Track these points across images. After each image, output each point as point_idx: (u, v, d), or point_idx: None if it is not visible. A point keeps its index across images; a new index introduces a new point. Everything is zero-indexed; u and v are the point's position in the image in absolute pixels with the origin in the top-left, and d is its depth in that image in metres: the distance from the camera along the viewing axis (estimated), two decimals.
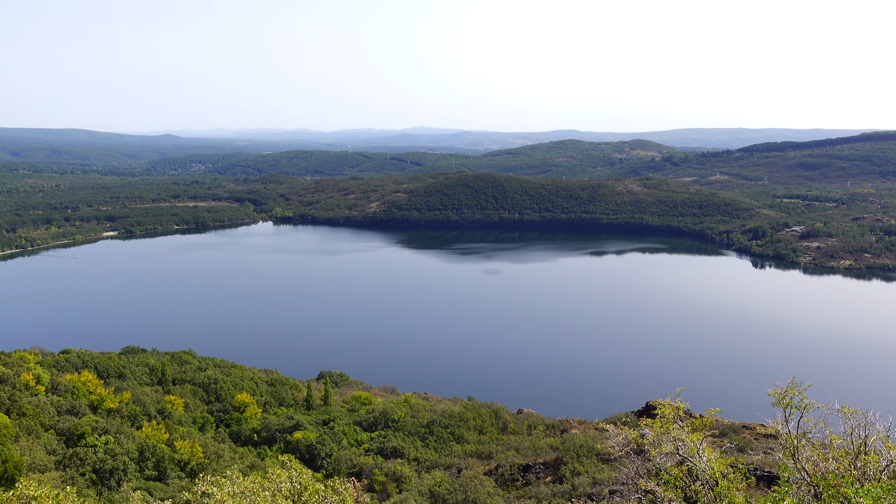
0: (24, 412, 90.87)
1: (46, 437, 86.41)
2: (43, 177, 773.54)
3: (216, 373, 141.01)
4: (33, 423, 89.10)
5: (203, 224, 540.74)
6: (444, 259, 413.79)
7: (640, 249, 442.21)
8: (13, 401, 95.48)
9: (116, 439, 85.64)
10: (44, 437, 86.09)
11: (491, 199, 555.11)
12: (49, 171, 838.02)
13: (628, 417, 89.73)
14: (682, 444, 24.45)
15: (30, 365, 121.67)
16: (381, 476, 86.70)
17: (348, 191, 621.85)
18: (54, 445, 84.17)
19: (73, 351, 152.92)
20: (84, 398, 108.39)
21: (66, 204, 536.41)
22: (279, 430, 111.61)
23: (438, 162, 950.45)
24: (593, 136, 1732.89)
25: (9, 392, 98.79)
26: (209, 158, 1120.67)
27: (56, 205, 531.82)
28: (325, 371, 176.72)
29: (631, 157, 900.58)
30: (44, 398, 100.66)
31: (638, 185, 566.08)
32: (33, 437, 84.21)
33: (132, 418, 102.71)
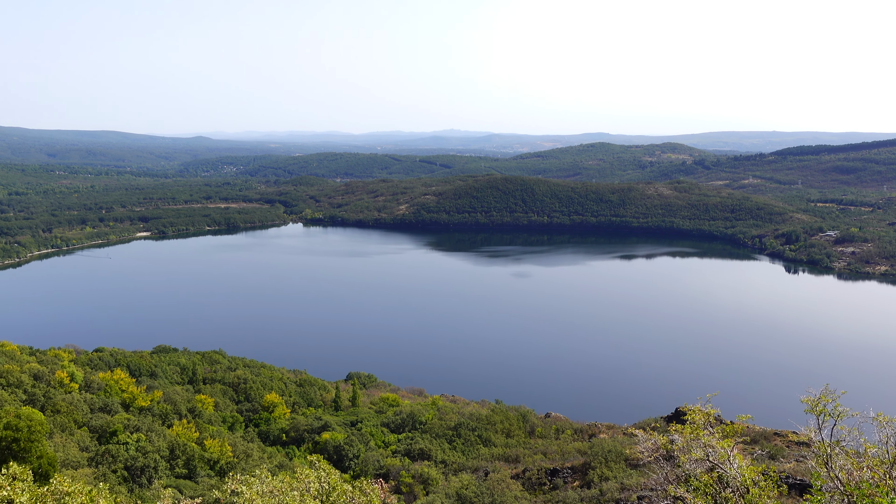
0: (59, 409, 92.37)
1: (80, 433, 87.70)
2: (78, 178, 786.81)
3: (246, 373, 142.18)
4: (67, 420, 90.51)
5: (234, 225, 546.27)
6: (472, 262, 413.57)
7: (670, 253, 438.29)
8: (48, 398, 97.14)
9: (148, 437, 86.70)
10: (77, 433, 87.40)
11: (520, 201, 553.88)
12: (84, 173, 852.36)
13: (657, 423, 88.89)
14: (712, 451, 24.15)
15: (64, 363, 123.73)
16: (408, 478, 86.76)
17: (377, 193, 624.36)
18: (87, 442, 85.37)
19: (106, 349, 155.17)
20: (116, 396, 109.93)
21: (100, 204, 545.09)
22: (307, 430, 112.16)
23: (467, 164, 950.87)
24: (624, 138, 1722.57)
25: (44, 389, 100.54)
26: (241, 160, 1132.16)
27: (91, 205, 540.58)
28: (353, 372, 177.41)
29: (662, 161, 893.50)
30: (77, 396, 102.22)
31: (669, 189, 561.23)
32: (67, 434, 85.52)
33: (163, 417, 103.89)
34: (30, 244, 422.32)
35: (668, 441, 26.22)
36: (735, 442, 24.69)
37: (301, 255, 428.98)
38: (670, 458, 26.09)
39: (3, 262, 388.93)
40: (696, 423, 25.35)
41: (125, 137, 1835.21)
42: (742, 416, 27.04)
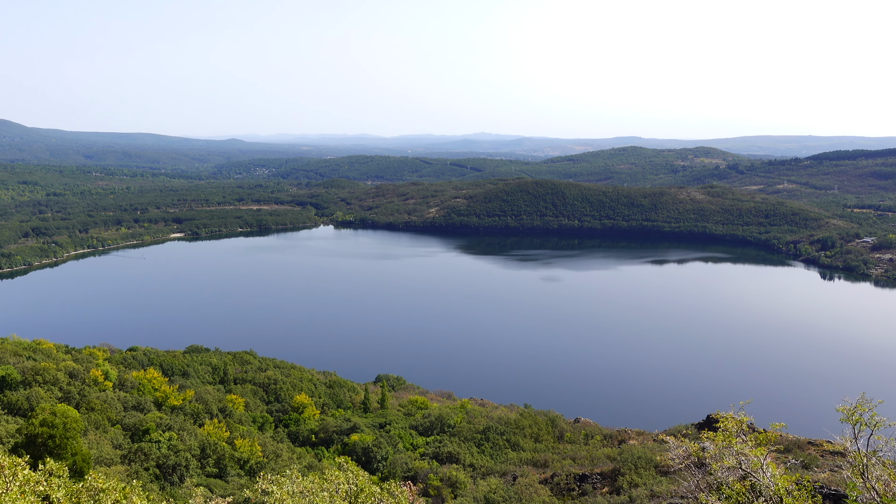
0: (93, 407, 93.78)
1: (113, 431, 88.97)
2: (114, 179, 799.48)
3: (276, 373, 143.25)
4: (101, 417, 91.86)
5: (266, 227, 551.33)
6: (502, 265, 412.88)
7: (702, 259, 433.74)
8: (82, 395, 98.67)
9: (179, 436, 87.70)
10: (111, 431, 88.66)
11: (550, 205, 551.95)
12: (120, 174, 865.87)
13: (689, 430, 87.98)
14: (745, 459, 23.83)
15: (99, 361, 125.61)
16: (436, 481, 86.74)
17: (408, 196, 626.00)
18: (120, 440, 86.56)
19: (139, 348, 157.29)
20: (149, 395, 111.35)
21: (135, 206, 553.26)
22: (336, 431, 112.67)
23: (498, 168, 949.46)
24: (656, 142, 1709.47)
25: (78, 387, 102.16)
26: (273, 163, 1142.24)
27: (126, 206, 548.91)
28: (382, 374, 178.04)
29: (694, 165, 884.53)
30: (111, 394, 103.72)
31: (701, 193, 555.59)
32: (101, 432, 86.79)
33: (195, 416, 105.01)
34: (66, 244, 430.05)
35: (700, 448, 25.93)
36: (768, 450, 24.35)
37: (331, 257, 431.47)
38: (702, 466, 25.79)
39: (40, 262, 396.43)
40: (728, 430, 25.03)
41: (160, 140, 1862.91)
42: (776, 424, 26.67)
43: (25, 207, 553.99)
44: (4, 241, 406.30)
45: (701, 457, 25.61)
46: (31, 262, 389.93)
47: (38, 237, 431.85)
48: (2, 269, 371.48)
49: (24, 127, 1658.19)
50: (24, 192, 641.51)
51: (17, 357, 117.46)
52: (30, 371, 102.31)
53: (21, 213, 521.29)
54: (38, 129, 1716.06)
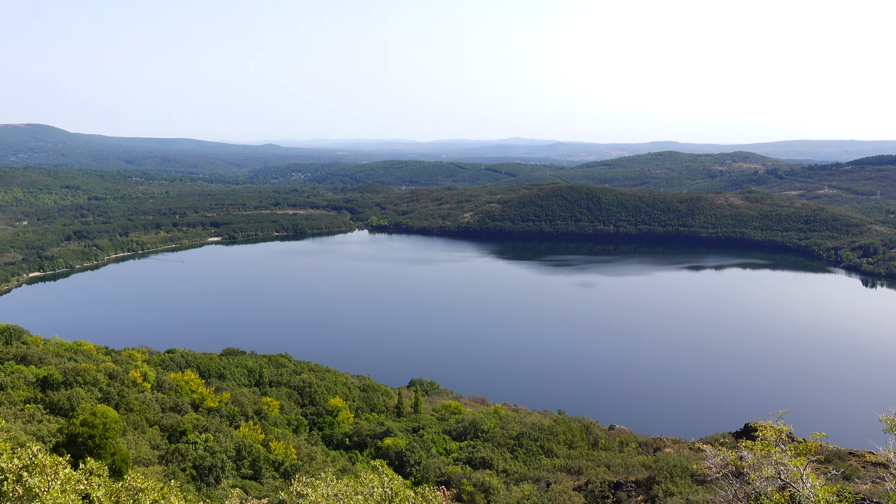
0: (132, 408, 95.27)
1: (151, 432, 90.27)
2: (154, 184, 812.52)
3: (311, 377, 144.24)
4: (139, 418, 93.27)
5: (301, 231, 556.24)
6: (536, 270, 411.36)
7: (740, 265, 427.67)
8: (121, 396, 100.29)
9: (216, 437, 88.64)
10: (149, 432, 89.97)
11: (585, 210, 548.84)
12: (160, 179, 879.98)
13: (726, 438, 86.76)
14: (784, 469, 23.42)
15: (137, 363, 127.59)
16: (469, 486, 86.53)
17: (442, 201, 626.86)
18: (158, 441, 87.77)
19: (177, 351, 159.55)
20: (187, 396, 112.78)
21: (174, 210, 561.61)
22: (370, 435, 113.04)
23: (533, 173, 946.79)
24: (693, 147, 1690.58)
25: (118, 388, 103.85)
26: (309, 168, 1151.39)
27: (165, 210, 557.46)
28: (415, 379, 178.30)
29: (732, 170, 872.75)
30: (150, 395, 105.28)
31: (739, 199, 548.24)
32: (139, 432, 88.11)
33: (231, 418, 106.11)
34: (107, 247, 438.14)
35: (738, 457, 25.56)
36: (808, 460, 23.90)
37: (366, 261, 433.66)
38: (739, 475, 25.41)
39: (82, 265, 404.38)
40: (767, 439, 24.64)
41: (199, 145, 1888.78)
42: (816, 433, 26.16)
43: (68, 211, 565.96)
44: (48, 244, 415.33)
45: (739, 466, 25.24)
46: (72, 264, 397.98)
47: (80, 240, 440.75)
48: (45, 271, 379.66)
49: (68, 132, 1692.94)
50: (67, 197, 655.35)
51: (58, 358, 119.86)
52: (71, 372, 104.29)
53: (64, 217, 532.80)
54: (81, 135, 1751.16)
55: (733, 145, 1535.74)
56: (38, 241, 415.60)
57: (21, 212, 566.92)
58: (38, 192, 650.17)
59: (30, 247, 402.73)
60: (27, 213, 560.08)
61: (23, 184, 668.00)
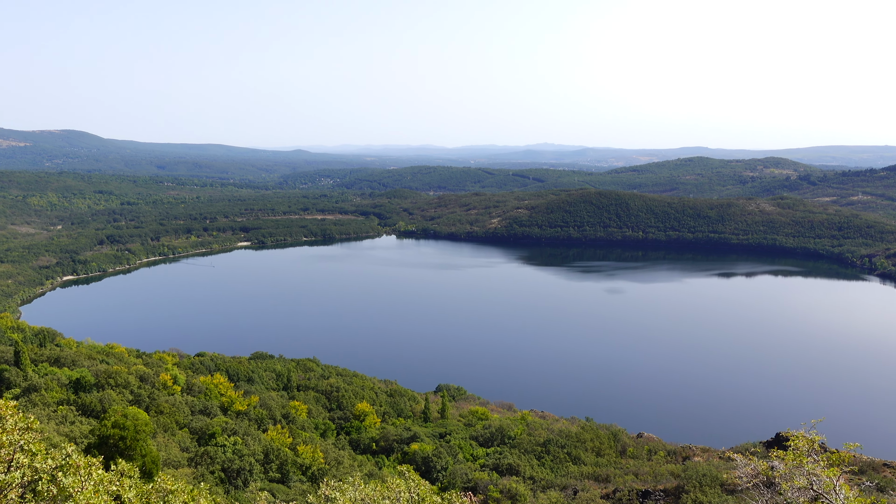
0: (162, 410, 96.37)
1: (181, 434, 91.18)
2: (185, 189, 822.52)
3: (338, 381, 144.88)
4: (169, 420, 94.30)
5: (330, 236, 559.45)
6: (564, 276, 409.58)
7: (772, 272, 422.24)
8: (152, 399, 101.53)
9: (244, 441, 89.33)
10: (178, 434, 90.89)
11: (614, 216, 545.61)
12: (190, 184, 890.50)
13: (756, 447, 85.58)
14: (816, 479, 23.07)
15: (168, 366, 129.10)
16: (495, 493, 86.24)
17: (470, 206, 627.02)
18: (187, 443, 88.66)
19: (207, 354, 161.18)
20: (216, 400, 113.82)
21: (205, 215, 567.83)
22: (397, 440, 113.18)
23: (561, 178, 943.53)
24: (723, 153, 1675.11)
25: (148, 391, 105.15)
26: (337, 173, 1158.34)
27: (196, 215, 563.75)
28: (442, 384, 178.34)
29: (764, 176, 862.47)
30: (179, 398, 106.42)
31: (771, 205, 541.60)
32: (169, 435, 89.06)
33: (259, 421, 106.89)
34: (139, 251, 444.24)
35: (769, 467, 25.21)
36: (841, 471, 23.51)
37: (394, 266, 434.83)
38: (771, 486, 25.07)
39: (114, 269, 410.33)
40: (799, 449, 24.29)
41: (229, 150, 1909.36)
42: (849, 444, 25.72)
43: (101, 216, 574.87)
44: (81, 248, 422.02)
45: (770, 476, 24.90)
46: (105, 268, 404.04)
47: (113, 245, 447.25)
48: (78, 274, 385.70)
49: (101, 138, 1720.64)
50: (100, 202, 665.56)
51: (91, 360, 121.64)
52: (103, 374, 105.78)
53: (97, 222, 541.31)
54: (114, 141, 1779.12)
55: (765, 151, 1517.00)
56: (72, 246, 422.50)
57: (56, 216, 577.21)
58: (72, 197, 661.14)
59: (64, 251, 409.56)
60: (62, 218, 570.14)
61: (58, 189, 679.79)
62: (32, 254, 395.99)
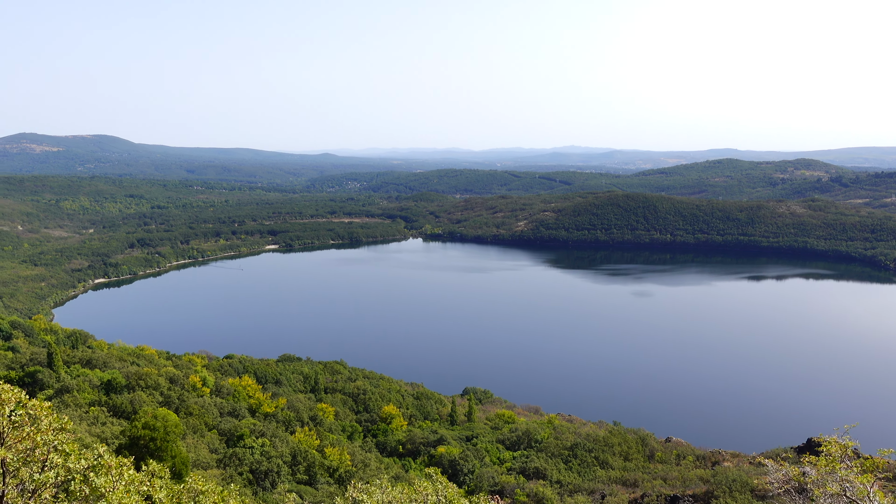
0: (191, 412, 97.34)
1: (210, 436, 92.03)
2: (214, 193, 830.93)
3: (365, 384, 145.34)
4: (199, 422, 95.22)
5: (357, 239, 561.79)
6: (591, 279, 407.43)
7: (803, 275, 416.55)
8: (182, 400, 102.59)
9: (272, 442, 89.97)
10: (207, 436, 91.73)
11: (642, 219, 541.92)
12: (219, 188, 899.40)
13: (788, 453, 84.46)
14: (850, 486, 22.69)
15: (197, 368, 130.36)
16: (522, 496, 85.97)
17: (496, 209, 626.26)
18: (216, 445, 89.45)
19: (235, 356, 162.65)
20: (244, 402, 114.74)
21: (233, 218, 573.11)
22: (423, 443, 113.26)
23: (588, 181, 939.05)
24: (753, 154, 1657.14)
25: (178, 392, 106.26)
26: (364, 176, 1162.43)
27: (224, 219, 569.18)
28: (469, 387, 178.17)
29: (794, 178, 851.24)
30: (209, 399, 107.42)
31: (802, 207, 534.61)
32: (198, 436, 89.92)
33: (286, 423, 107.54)
34: (169, 255, 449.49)
35: (801, 473, 24.85)
36: (875, 478, 23.10)
37: (420, 269, 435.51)
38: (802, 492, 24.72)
39: (145, 271, 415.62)
40: (831, 455, 23.90)
41: (257, 154, 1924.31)
42: (884, 450, 25.27)
43: (132, 219, 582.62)
44: (112, 251, 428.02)
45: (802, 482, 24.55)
46: (136, 271, 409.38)
47: (143, 248, 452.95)
48: (110, 277, 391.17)
49: (132, 143, 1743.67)
50: (131, 205, 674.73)
51: (122, 362, 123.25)
52: (133, 376, 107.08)
53: (128, 225, 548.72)
54: (145, 145, 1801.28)
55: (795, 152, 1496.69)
56: (104, 249, 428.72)
57: (88, 220, 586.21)
58: (103, 201, 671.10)
59: (95, 254, 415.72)
60: (93, 222, 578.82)
61: (89, 193, 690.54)
62: (65, 257, 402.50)
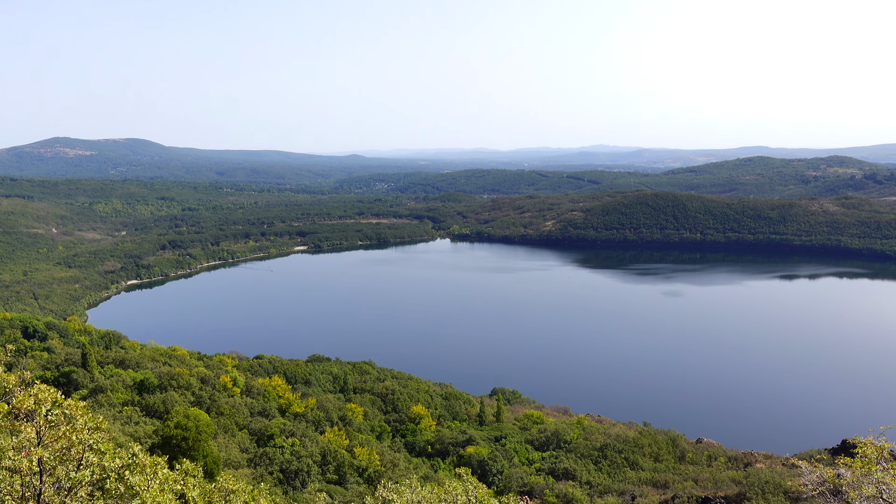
0: (222, 412, 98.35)
1: (240, 436, 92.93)
2: (243, 194, 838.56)
3: (394, 384, 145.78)
4: (230, 422, 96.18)
5: (384, 240, 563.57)
6: (620, 279, 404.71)
7: (836, 274, 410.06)
8: (213, 400, 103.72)
9: (302, 442, 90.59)
10: (238, 435, 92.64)
11: (671, 218, 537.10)
12: (248, 190, 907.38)
13: (822, 455, 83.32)
14: (886, 488, 22.33)
15: (228, 368, 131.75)
16: (552, 497, 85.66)
17: (524, 209, 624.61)
18: (247, 444, 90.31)
19: (265, 357, 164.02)
20: (274, 402, 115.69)
21: (262, 220, 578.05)
22: (452, 443, 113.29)
23: (616, 180, 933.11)
24: (784, 152, 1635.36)
25: (209, 392, 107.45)
26: (391, 177, 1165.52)
27: (254, 220, 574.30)
28: (497, 388, 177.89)
29: (827, 175, 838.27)
30: (239, 400, 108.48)
31: (835, 205, 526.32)
32: (229, 436, 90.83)
33: (316, 423, 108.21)
34: (200, 256, 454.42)
35: (835, 475, 24.50)
36: None
37: (448, 270, 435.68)
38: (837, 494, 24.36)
39: (176, 273, 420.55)
40: (867, 456, 23.53)
41: (286, 156, 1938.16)
42: None
43: (163, 222, 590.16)
44: (144, 253, 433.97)
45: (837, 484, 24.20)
46: (167, 272, 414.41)
47: (175, 250, 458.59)
48: (142, 279, 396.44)
49: (163, 146, 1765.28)
50: (163, 208, 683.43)
51: (154, 362, 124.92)
52: (166, 376, 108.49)
53: (159, 227, 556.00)
54: (175, 148, 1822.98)
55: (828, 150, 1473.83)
56: (136, 251, 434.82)
57: (120, 222, 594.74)
58: (135, 204, 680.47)
59: (128, 256, 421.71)
60: (125, 224, 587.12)
61: (122, 196, 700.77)
62: (98, 259, 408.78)
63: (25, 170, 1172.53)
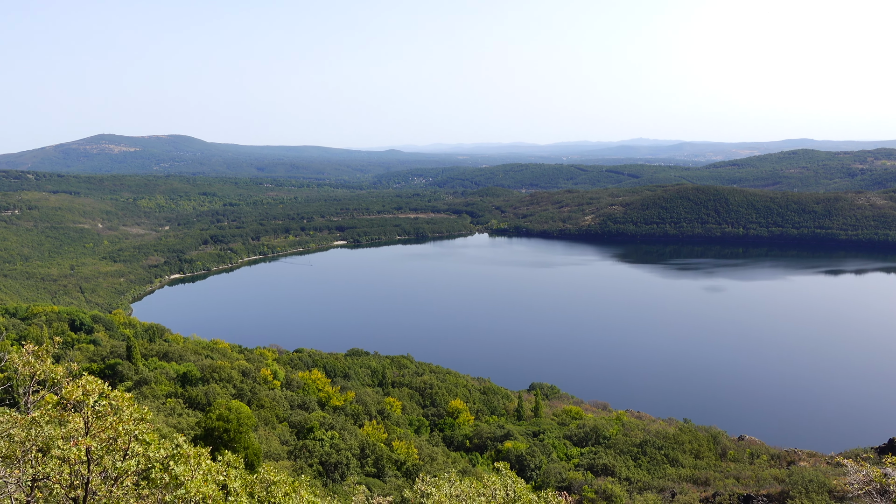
0: (263, 404, 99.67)
1: (280, 428, 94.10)
2: (283, 190, 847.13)
3: (432, 378, 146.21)
4: (270, 414, 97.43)
5: (423, 235, 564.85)
6: (660, 274, 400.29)
7: (884, 269, 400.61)
8: (254, 393, 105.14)
9: (341, 435, 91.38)
10: (278, 428, 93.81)
11: (713, 212, 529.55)
12: (288, 185, 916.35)
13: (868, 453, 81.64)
14: None
15: (268, 361, 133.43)
16: (590, 493, 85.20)
17: (563, 204, 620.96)
18: (287, 436, 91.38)
19: (305, 350, 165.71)
20: (313, 395, 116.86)
21: (302, 215, 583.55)
22: (490, 438, 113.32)
23: (656, 174, 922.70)
24: (830, 144, 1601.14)
25: (250, 385, 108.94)
26: (429, 172, 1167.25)
27: (294, 215, 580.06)
28: (535, 382, 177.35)
29: (874, 168, 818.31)
30: (279, 392, 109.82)
31: (883, 198, 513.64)
32: (269, 428, 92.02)
33: (355, 416, 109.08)
34: (241, 251, 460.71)
35: (882, 474, 23.99)
36: None
37: (486, 264, 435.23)
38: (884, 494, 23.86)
39: (218, 267, 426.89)
40: None
41: (325, 152, 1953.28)
42: None
43: (205, 217, 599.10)
44: (187, 247, 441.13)
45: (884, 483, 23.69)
46: (209, 267, 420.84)
47: (216, 244, 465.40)
48: (184, 273, 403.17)
49: (205, 142, 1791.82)
50: (204, 203, 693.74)
51: (196, 355, 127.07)
52: (208, 369, 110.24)
53: (201, 222, 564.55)
54: (217, 144, 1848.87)
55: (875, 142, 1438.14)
56: (179, 245, 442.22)
57: (163, 217, 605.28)
58: (178, 199, 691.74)
59: (171, 250, 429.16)
60: (168, 219, 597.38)
61: (165, 191, 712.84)
62: (142, 253, 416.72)
63: (72, 166, 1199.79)
